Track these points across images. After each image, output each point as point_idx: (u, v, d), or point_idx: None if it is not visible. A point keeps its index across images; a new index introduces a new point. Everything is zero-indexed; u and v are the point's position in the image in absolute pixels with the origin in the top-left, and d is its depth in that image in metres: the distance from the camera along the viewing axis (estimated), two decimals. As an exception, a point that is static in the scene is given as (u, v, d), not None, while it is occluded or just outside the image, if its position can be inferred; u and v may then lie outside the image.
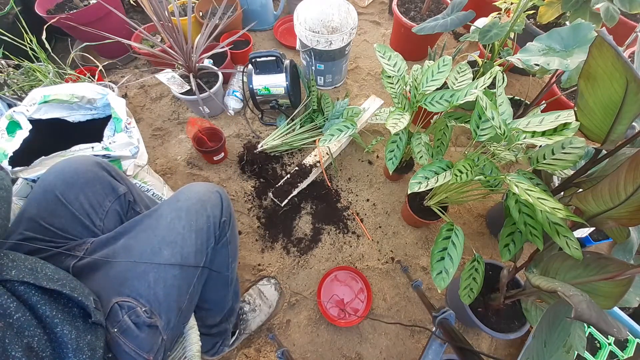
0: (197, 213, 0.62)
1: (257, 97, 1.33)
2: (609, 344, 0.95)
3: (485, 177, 0.77)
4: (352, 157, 1.37)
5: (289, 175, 1.25)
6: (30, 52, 1.19)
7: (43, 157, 0.81)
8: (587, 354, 0.93)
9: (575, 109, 0.55)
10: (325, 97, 1.35)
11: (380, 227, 1.22)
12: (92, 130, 0.92)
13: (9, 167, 0.78)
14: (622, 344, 0.96)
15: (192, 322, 0.67)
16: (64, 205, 0.61)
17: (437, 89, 0.87)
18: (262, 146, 1.28)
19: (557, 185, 0.73)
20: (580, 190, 0.64)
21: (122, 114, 0.89)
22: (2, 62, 1.16)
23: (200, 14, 1.59)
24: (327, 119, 1.33)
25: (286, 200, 1.21)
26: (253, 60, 1.23)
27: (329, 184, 1.29)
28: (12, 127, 0.83)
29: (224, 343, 0.88)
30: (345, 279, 1.12)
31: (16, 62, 1.18)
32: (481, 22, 1.34)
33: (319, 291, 1.08)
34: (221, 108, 1.42)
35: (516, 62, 0.81)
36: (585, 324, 0.79)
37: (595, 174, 0.65)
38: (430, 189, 1.02)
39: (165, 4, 1.13)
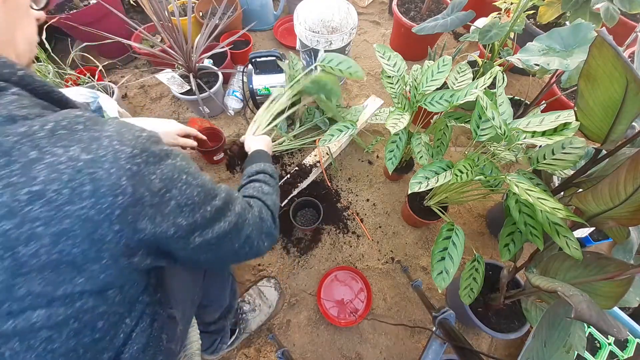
0: None
1: (257, 97, 1.32)
2: (609, 344, 0.95)
3: (485, 177, 0.77)
4: (352, 157, 1.37)
5: (289, 175, 1.25)
6: (30, 52, 1.19)
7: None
8: (587, 354, 0.93)
9: (575, 109, 0.55)
10: (325, 97, 1.35)
11: (380, 227, 1.22)
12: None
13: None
14: (622, 344, 0.96)
15: (192, 320, 0.68)
16: None
17: (437, 89, 0.87)
18: (262, 146, 1.28)
19: (557, 185, 0.73)
20: (580, 190, 0.64)
21: (114, 115, 0.90)
22: (2, 62, 1.16)
23: (200, 14, 1.59)
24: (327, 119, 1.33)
25: (286, 200, 1.21)
26: (253, 60, 1.23)
27: (329, 184, 1.29)
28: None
29: (222, 341, 0.88)
30: (345, 279, 1.12)
31: (16, 62, 1.18)
32: (481, 22, 1.34)
33: (319, 291, 1.08)
34: (221, 108, 1.42)
35: (516, 62, 0.81)
36: (585, 324, 0.79)
37: (595, 174, 0.65)
38: (430, 189, 1.02)
39: (165, 4, 1.13)
